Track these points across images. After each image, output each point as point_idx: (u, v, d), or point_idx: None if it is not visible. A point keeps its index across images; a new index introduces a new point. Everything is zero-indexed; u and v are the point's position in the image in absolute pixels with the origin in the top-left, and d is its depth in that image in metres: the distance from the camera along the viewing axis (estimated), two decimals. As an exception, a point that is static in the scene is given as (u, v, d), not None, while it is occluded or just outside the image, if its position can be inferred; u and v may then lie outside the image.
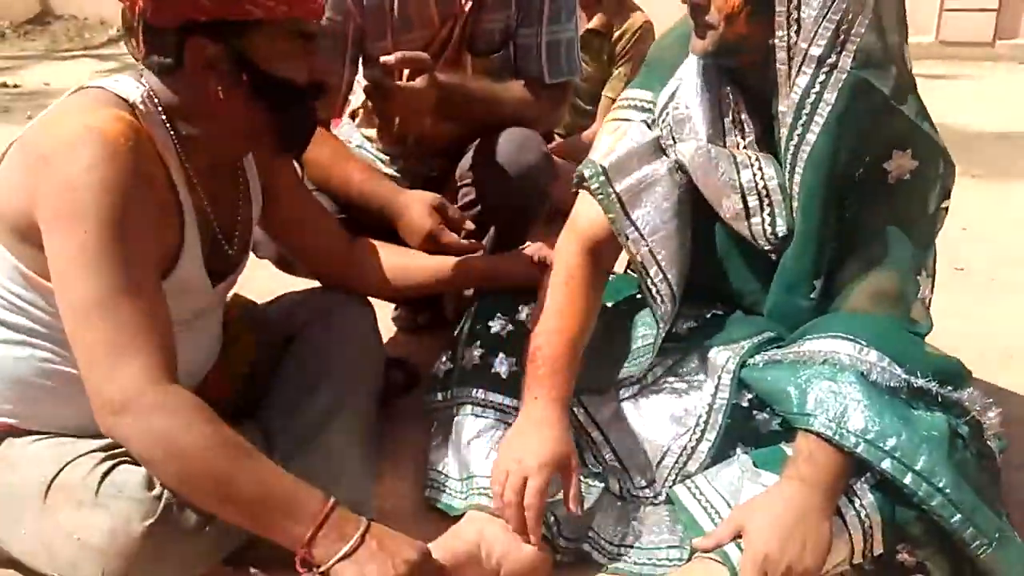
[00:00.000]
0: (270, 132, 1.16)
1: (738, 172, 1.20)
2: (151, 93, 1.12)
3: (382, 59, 1.38)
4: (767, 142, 1.22)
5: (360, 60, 1.64)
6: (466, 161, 1.65)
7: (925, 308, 1.21)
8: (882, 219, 1.17)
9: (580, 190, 1.32)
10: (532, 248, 1.47)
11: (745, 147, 1.21)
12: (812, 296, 1.21)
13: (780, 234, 1.20)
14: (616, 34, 2.78)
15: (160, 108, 1.12)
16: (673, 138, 1.25)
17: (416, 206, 1.48)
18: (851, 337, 1.12)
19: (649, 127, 1.28)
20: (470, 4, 1.59)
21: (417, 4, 1.59)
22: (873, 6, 1.10)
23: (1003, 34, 5.52)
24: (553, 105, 1.67)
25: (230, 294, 1.40)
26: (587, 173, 1.29)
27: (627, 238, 1.26)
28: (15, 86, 5.61)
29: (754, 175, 1.20)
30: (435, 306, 1.89)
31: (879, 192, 1.16)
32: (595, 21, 2.81)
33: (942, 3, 5.52)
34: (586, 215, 1.31)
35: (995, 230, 2.65)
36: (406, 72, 1.40)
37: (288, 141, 1.21)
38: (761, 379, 1.20)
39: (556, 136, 2.82)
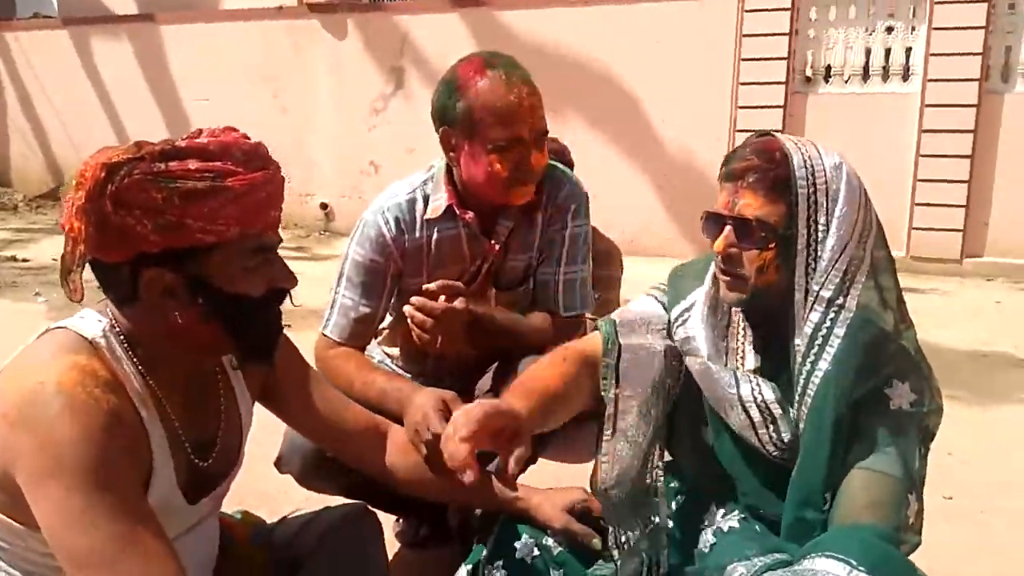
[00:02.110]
0: (232, 346, 1.17)
1: (738, 386, 1.30)
2: (112, 323, 1.13)
3: (425, 287, 1.57)
4: (766, 372, 1.32)
5: (395, 293, 1.79)
6: (485, 382, 1.75)
7: (914, 528, 1.25)
8: (882, 438, 1.24)
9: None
10: (577, 493, 1.49)
11: (746, 371, 1.32)
12: (825, 509, 1.26)
13: (786, 440, 1.29)
14: None
15: (122, 337, 1.13)
16: (684, 352, 1.38)
17: (424, 396, 1.51)
18: (843, 558, 1.14)
19: (670, 327, 1.42)
20: (499, 247, 1.76)
21: (451, 246, 1.75)
22: (870, 261, 1.25)
23: (969, 252, 5.87)
24: (567, 335, 1.79)
25: (234, 509, 1.39)
26: (601, 323, 1.46)
27: (605, 393, 1.39)
28: (24, 260, 5.78)
29: (752, 390, 1.30)
30: (439, 518, 1.90)
31: (881, 413, 1.25)
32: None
33: (911, 221, 5.89)
34: (592, 341, 1.46)
35: (981, 455, 2.70)
36: (442, 298, 1.58)
37: (252, 352, 1.20)
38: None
39: None
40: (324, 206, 7.34)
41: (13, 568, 1.11)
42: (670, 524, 1.40)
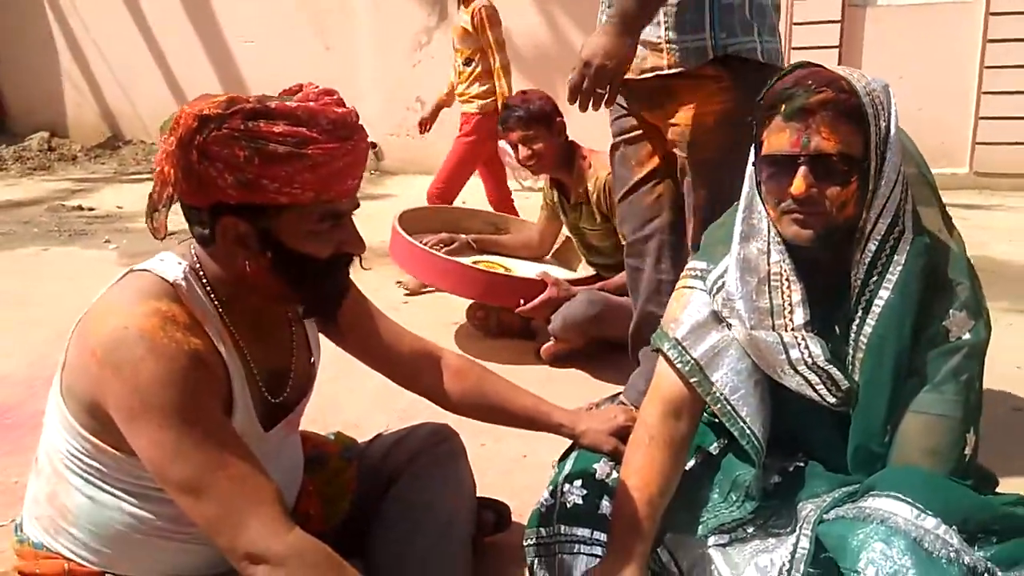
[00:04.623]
0: (296, 300, 1.24)
1: (787, 351, 1.29)
2: (194, 264, 1.20)
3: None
4: (816, 324, 1.30)
5: None
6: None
7: (971, 465, 1.27)
8: (942, 374, 1.24)
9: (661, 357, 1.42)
10: (618, 412, 1.56)
11: (793, 329, 1.30)
12: (887, 440, 1.27)
13: (844, 388, 1.29)
14: (592, 198, 2.95)
15: (203, 276, 1.20)
16: (725, 319, 1.36)
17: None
18: (909, 500, 1.16)
19: (710, 295, 1.39)
20: None
21: None
22: (908, 180, 1.25)
23: (1036, 165, 5.68)
24: None
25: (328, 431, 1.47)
26: (664, 346, 1.40)
27: (712, 398, 1.35)
28: (90, 209, 5.95)
29: (802, 353, 1.28)
30: None
31: (940, 348, 1.25)
32: (576, 196, 3.03)
33: (974, 137, 5.71)
34: (666, 379, 1.41)
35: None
36: None
37: (314, 308, 1.27)
38: (828, 533, 1.24)
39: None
40: (373, 145, 7.37)
41: (114, 488, 1.20)
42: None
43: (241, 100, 1.10)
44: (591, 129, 2.95)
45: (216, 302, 1.21)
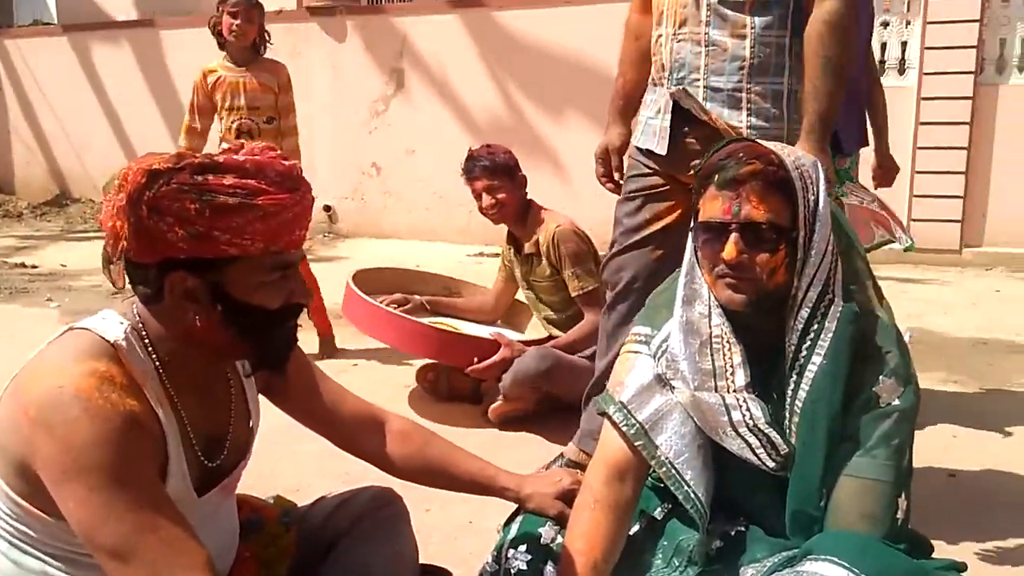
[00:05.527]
0: (246, 352, 1.23)
1: (729, 414, 1.31)
2: (136, 323, 1.18)
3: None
4: (757, 385, 1.33)
5: None
6: None
7: (904, 522, 1.29)
8: (874, 439, 1.27)
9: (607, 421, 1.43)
10: (563, 475, 1.55)
11: (735, 391, 1.33)
12: (823, 504, 1.29)
13: (783, 452, 1.31)
14: (543, 248, 3.04)
15: (145, 336, 1.18)
16: (669, 381, 1.38)
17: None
18: (845, 565, 1.17)
19: (654, 359, 1.41)
20: None
21: None
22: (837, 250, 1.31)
23: (968, 242, 5.93)
24: None
25: (268, 495, 1.45)
26: (610, 410, 1.41)
27: (656, 462, 1.36)
28: (33, 267, 5.82)
29: (743, 415, 1.31)
30: None
31: (872, 413, 1.28)
32: (528, 247, 3.11)
33: (910, 213, 5.95)
34: (611, 443, 1.41)
35: (984, 439, 2.75)
36: None
37: (265, 360, 1.26)
38: (770, 598, 1.26)
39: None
40: (327, 208, 7.39)
41: (41, 553, 1.16)
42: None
43: (189, 155, 1.11)
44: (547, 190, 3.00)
45: (157, 363, 1.19)
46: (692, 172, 2.08)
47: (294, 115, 3.83)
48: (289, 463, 2.43)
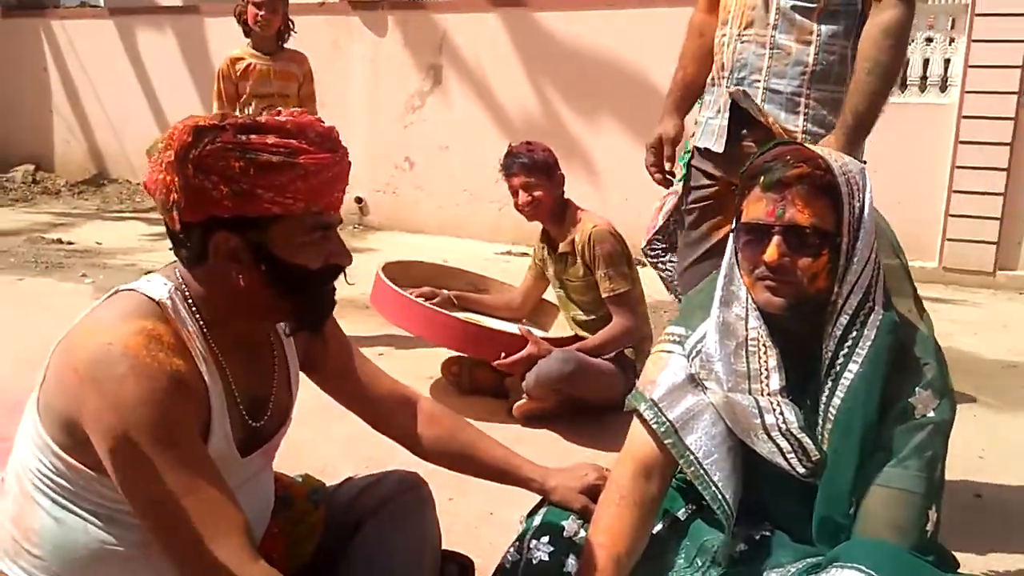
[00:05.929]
0: (287, 312, 1.25)
1: (762, 417, 1.32)
2: (179, 285, 1.21)
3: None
4: (791, 390, 1.33)
5: None
6: None
7: (933, 537, 1.29)
8: (907, 450, 1.27)
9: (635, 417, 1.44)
10: (588, 469, 1.55)
11: (769, 394, 1.33)
12: (851, 512, 1.29)
13: (814, 459, 1.31)
14: (578, 248, 3.05)
15: (188, 297, 1.21)
16: (703, 381, 1.38)
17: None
18: (872, 573, 1.16)
19: (687, 359, 1.41)
20: None
21: None
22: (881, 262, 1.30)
23: (1003, 264, 5.84)
24: None
25: (295, 473, 1.46)
26: (641, 407, 1.42)
27: (685, 461, 1.37)
28: (69, 243, 5.92)
29: (776, 419, 1.31)
30: None
31: (906, 424, 1.28)
32: (563, 246, 3.11)
33: (944, 233, 5.88)
34: (640, 439, 1.42)
35: (1010, 460, 2.73)
36: None
37: (305, 320, 1.28)
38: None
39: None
40: (359, 200, 7.44)
41: (82, 509, 1.18)
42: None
43: (231, 116, 1.15)
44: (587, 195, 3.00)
45: (201, 322, 1.22)
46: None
47: (314, 104, 3.90)
48: (316, 444, 2.47)
